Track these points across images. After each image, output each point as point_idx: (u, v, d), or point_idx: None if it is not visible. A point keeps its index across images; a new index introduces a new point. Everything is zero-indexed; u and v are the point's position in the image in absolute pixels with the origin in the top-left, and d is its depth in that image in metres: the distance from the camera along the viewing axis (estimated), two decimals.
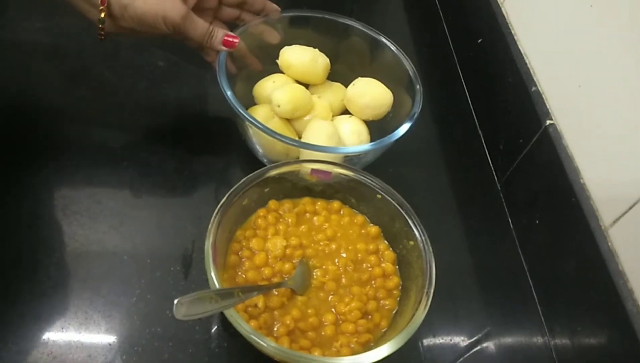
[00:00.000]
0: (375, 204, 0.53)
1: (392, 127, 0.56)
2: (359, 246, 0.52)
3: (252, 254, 0.50)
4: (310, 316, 0.47)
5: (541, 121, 0.57)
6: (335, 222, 0.54)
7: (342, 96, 0.63)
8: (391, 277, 0.51)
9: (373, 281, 0.51)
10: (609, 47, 0.51)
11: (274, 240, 0.50)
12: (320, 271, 0.50)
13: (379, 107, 0.60)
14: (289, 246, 0.51)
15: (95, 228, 0.53)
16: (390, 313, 0.49)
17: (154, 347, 0.47)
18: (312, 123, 0.58)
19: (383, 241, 0.53)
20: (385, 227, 0.54)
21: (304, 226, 0.53)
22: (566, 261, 0.52)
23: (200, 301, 0.39)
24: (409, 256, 0.50)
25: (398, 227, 0.51)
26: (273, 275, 0.49)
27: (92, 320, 0.48)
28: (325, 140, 0.55)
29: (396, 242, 0.53)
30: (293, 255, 0.50)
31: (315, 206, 0.54)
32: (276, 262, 0.50)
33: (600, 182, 0.51)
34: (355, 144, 0.58)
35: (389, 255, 0.52)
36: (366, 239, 0.53)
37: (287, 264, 0.49)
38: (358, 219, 0.54)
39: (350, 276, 0.50)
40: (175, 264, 0.52)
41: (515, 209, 0.63)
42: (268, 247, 0.50)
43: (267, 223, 0.52)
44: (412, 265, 0.50)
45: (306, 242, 0.52)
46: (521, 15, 0.66)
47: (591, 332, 0.49)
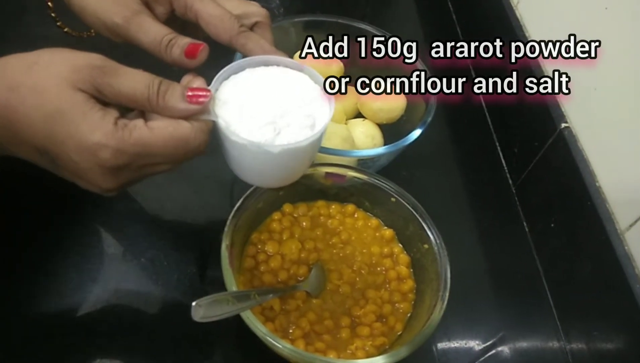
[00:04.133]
0: (389, 208, 0.53)
1: (405, 130, 0.56)
2: (373, 250, 0.53)
3: (267, 257, 0.50)
4: (325, 319, 0.48)
5: (556, 123, 0.57)
6: (350, 225, 0.54)
7: (356, 100, 0.63)
8: (406, 280, 0.51)
9: (388, 285, 0.51)
10: (624, 49, 0.51)
11: (289, 244, 0.51)
12: (335, 275, 0.50)
13: (392, 110, 0.60)
14: (304, 249, 0.51)
15: (113, 230, 0.54)
16: (405, 317, 0.49)
17: (171, 348, 0.48)
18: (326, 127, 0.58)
19: (397, 244, 0.54)
20: (399, 230, 0.54)
21: (319, 230, 0.53)
22: (582, 265, 0.52)
23: (218, 303, 0.39)
24: (424, 259, 0.51)
25: (412, 230, 0.51)
26: (288, 278, 0.49)
27: (109, 322, 0.48)
28: (339, 143, 0.56)
29: (410, 245, 0.53)
30: (308, 258, 0.51)
31: (329, 209, 0.55)
32: (292, 265, 0.50)
33: (616, 185, 0.50)
34: (369, 147, 0.59)
35: (403, 258, 0.53)
36: (380, 242, 0.53)
37: (303, 267, 0.50)
38: (372, 222, 0.55)
39: (365, 280, 0.51)
40: (192, 266, 0.52)
41: (530, 213, 0.62)
42: (283, 250, 0.51)
43: (282, 226, 0.52)
44: (427, 268, 0.50)
45: (321, 245, 0.52)
46: (535, 18, 0.66)
47: (607, 336, 0.48)
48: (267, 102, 0.39)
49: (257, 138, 0.37)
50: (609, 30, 0.52)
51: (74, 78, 0.32)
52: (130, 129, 0.33)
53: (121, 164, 0.33)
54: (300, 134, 0.38)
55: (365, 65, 0.62)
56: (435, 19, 0.87)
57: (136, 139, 0.33)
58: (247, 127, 0.37)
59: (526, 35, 0.65)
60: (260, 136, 0.37)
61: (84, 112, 0.32)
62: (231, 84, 0.40)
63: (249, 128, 0.37)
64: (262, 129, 0.37)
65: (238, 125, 0.38)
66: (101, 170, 0.33)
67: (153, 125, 0.34)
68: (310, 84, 0.42)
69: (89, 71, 0.33)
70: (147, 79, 0.34)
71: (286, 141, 0.38)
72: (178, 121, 0.35)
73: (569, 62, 0.49)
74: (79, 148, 0.33)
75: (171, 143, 0.34)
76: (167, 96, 0.35)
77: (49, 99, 0.32)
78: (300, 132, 0.38)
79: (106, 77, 0.33)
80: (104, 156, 0.33)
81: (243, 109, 0.38)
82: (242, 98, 0.39)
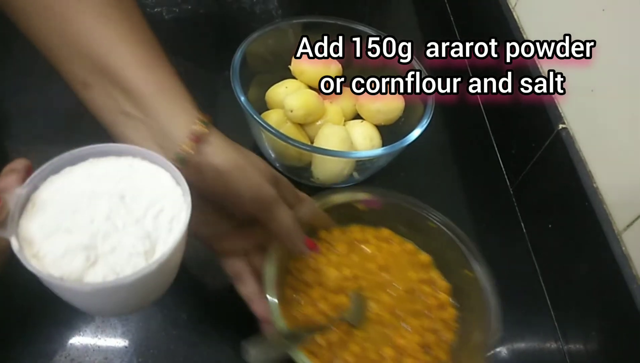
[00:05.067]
0: (425, 232, 0.50)
1: (404, 131, 0.56)
2: (411, 276, 0.50)
3: (306, 287, 0.48)
4: (369, 351, 0.45)
5: (554, 124, 0.57)
6: (386, 250, 0.51)
7: (354, 101, 0.63)
8: (447, 308, 0.48)
9: (429, 313, 0.48)
10: (622, 50, 0.51)
11: (327, 272, 0.48)
12: (375, 303, 0.48)
13: (390, 112, 0.61)
14: (343, 277, 0.48)
15: None
16: (449, 346, 0.46)
17: (170, 350, 0.48)
18: (324, 128, 0.58)
19: (435, 270, 0.51)
20: (437, 255, 0.51)
21: (355, 256, 0.50)
22: (579, 266, 0.52)
23: (268, 344, 0.38)
24: (465, 286, 0.48)
25: (451, 256, 0.49)
26: (330, 308, 0.47)
27: (108, 324, 0.48)
28: (337, 144, 0.56)
29: (450, 271, 0.50)
30: (347, 287, 0.48)
31: (364, 234, 0.52)
32: (331, 295, 0.47)
33: (614, 186, 0.50)
34: (367, 148, 0.59)
35: (442, 284, 0.50)
36: (417, 268, 0.51)
37: (343, 297, 0.47)
38: (408, 247, 0.52)
39: (405, 308, 0.48)
40: (190, 269, 0.52)
41: (527, 214, 0.62)
42: (322, 280, 0.48)
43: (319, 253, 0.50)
44: (469, 295, 0.47)
45: (359, 272, 0.49)
46: (533, 19, 0.66)
47: (605, 336, 0.48)
48: (92, 214, 0.30)
49: (60, 269, 0.28)
50: (607, 32, 0.52)
51: None
52: None
53: None
54: (127, 265, 0.29)
55: (362, 66, 0.63)
56: (433, 21, 0.87)
57: None
58: (54, 249, 0.29)
59: (524, 36, 0.65)
60: (65, 265, 0.28)
61: None
62: (61, 181, 0.31)
63: (55, 250, 0.29)
64: (71, 254, 0.28)
65: (43, 245, 0.29)
66: None
67: None
68: (169, 186, 0.33)
69: None
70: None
71: (101, 275, 0.29)
72: None
73: (564, 62, 0.49)
74: None
75: None
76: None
77: None
78: (128, 261, 0.29)
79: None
80: None
81: (58, 220, 0.29)
82: (63, 204, 0.30)
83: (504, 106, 0.67)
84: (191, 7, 0.76)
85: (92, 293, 0.29)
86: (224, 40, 0.47)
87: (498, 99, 0.55)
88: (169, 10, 0.44)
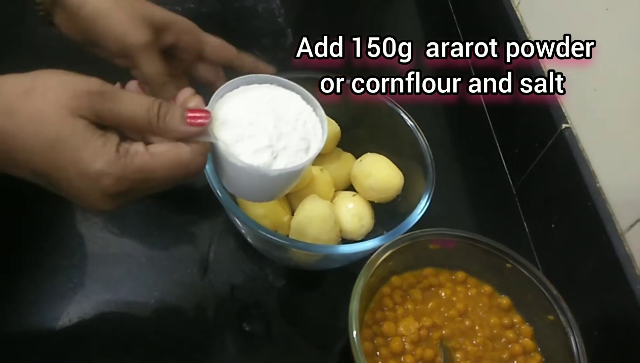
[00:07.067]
0: (503, 272, 0.48)
1: (401, 209, 0.51)
2: (492, 321, 0.48)
3: (386, 340, 0.45)
4: None
5: (557, 124, 0.57)
6: (463, 294, 0.49)
7: (349, 170, 0.57)
8: (533, 354, 0.46)
9: (515, 361, 0.46)
10: (626, 49, 0.50)
11: (406, 323, 0.46)
12: (461, 353, 0.46)
13: (384, 191, 0.54)
14: (423, 327, 0.46)
15: (114, 231, 0.54)
16: None
17: (169, 349, 0.48)
18: (306, 202, 0.52)
19: (516, 313, 0.48)
20: (516, 298, 0.49)
21: (432, 302, 0.48)
22: (582, 266, 0.52)
23: None
24: (547, 330, 0.46)
25: (531, 298, 0.47)
26: (416, 362, 0.45)
27: (109, 321, 0.49)
28: (317, 224, 0.50)
29: (530, 314, 0.48)
30: (429, 337, 0.46)
31: (439, 278, 0.49)
32: (414, 347, 0.45)
33: (617, 186, 0.50)
34: (354, 228, 0.54)
35: (525, 329, 0.47)
36: (498, 312, 0.48)
37: (428, 349, 0.45)
38: (485, 289, 0.49)
39: (491, 356, 0.46)
40: (192, 267, 0.53)
41: (530, 214, 0.62)
42: (401, 331, 0.46)
43: (394, 302, 0.48)
44: (551, 339, 0.46)
45: (439, 321, 0.47)
46: (536, 18, 0.66)
47: (608, 336, 0.48)
48: (264, 125, 0.38)
49: (256, 161, 0.37)
50: (610, 31, 0.52)
51: (74, 105, 0.32)
52: (132, 156, 0.33)
53: (123, 190, 0.33)
54: (296, 158, 0.38)
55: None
56: (436, 20, 0.87)
57: (138, 166, 0.33)
58: (245, 150, 0.37)
59: (527, 36, 0.65)
60: (258, 159, 0.37)
61: (85, 140, 0.32)
62: (227, 104, 0.39)
63: (246, 151, 0.37)
64: (260, 152, 0.37)
65: (236, 147, 0.37)
66: (102, 195, 0.33)
67: (154, 150, 0.34)
68: (302, 104, 0.41)
69: (89, 97, 0.32)
70: (147, 102, 0.34)
71: (283, 165, 0.38)
72: (178, 145, 0.35)
73: (564, 62, 0.49)
74: (80, 175, 0.32)
75: (172, 168, 0.34)
76: (167, 119, 0.34)
77: (48, 126, 0.32)
78: (296, 155, 0.39)
79: (106, 103, 0.33)
80: (105, 183, 0.33)
81: (240, 130, 0.38)
82: (239, 119, 0.38)
83: (507, 105, 0.66)
84: (194, 6, 0.77)
85: (276, 177, 0.38)
86: (226, 39, 0.48)
87: (498, 99, 0.54)
88: (172, 10, 0.44)
